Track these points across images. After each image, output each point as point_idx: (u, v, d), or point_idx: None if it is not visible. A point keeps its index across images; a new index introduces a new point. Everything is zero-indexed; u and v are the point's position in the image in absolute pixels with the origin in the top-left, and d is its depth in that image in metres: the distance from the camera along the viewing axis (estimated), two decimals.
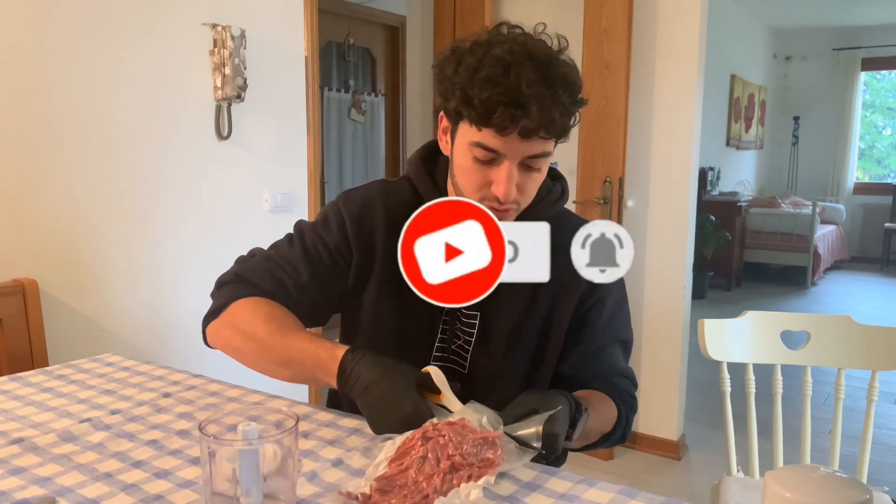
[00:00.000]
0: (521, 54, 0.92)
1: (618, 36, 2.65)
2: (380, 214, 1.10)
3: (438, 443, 0.82)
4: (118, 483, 0.84)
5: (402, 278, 1.01)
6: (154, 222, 2.04)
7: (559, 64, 0.95)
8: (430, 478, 0.79)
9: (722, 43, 5.73)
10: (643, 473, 2.74)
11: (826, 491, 0.63)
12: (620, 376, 1.13)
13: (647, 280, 2.85)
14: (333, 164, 4.61)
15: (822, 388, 3.41)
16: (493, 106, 0.91)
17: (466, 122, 0.96)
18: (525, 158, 0.97)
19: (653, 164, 2.78)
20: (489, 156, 0.96)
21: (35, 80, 1.76)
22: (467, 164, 0.99)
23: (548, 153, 0.99)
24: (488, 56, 0.93)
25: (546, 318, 1.10)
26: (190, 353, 2.12)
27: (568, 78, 0.95)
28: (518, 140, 0.94)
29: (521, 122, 0.91)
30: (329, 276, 1.11)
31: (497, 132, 0.93)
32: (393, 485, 0.79)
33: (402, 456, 0.83)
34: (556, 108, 0.92)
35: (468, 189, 1.00)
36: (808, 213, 6.47)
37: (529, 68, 0.91)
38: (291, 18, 2.42)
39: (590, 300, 1.11)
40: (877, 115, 8.34)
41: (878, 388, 1.52)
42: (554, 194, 1.12)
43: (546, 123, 0.92)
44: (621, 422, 1.10)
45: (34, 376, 1.24)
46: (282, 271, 1.10)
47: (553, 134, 0.95)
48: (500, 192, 0.96)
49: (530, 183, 1.00)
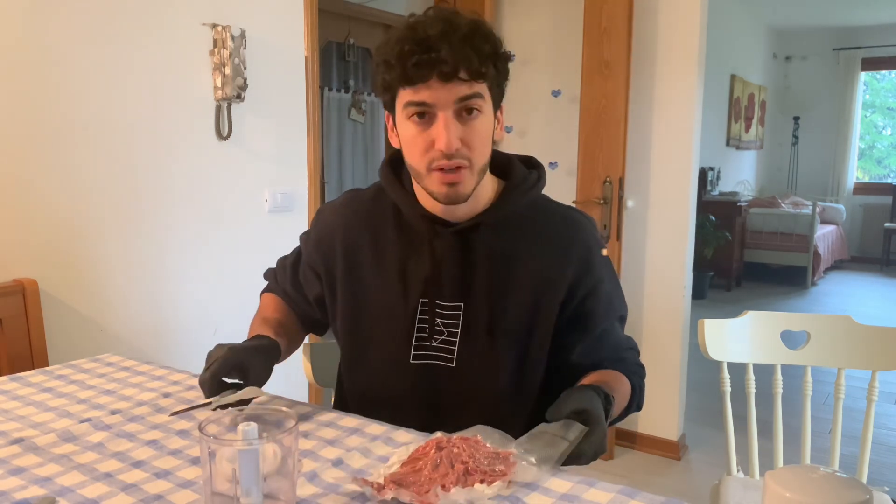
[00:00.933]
0: (428, 16, 0.99)
1: (618, 36, 2.65)
2: (340, 221, 1.17)
3: (452, 451, 0.82)
4: (118, 483, 0.84)
5: (362, 276, 1.11)
6: (154, 222, 2.04)
7: (466, 17, 0.99)
8: (444, 476, 0.79)
9: (722, 43, 5.73)
10: (643, 473, 2.74)
11: (826, 491, 0.63)
12: (626, 349, 1.17)
13: (647, 280, 2.85)
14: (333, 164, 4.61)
15: (822, 388, 3.41)
16: (407, 56, 0.95)
17: (397, 94, 1.00)
18: (457, 105, 0.97)
19: (653, 164, 2.78)
20: (422, 109, 0.98)
21: (35, 79, 1.76)
22: (409, 133, 1.01)
23: (479, 94, 0.99)
24: (400, 28, 0.99)
25: (532, 305, 1.08)
26: (190, 353, 2.12)
27: (476, 23, 0.99)
28: (441, 85, 0.96)
29: (437, 65, 0.94)
30: (308, 284, 1.23)
31: (421, 82, 0.96)
32: (407, 480, 0.80)
33: (414, 460, 0.84)
34: (468, 47, 0.95)
35: (416, 159, 1.01)
36: (808, 213, 6.47)
37: (434, 20, 0.97)
38: (291, 18, 2.42)
39: (583, 288, 1.09)
40: (877, 115, 8.35)
41: (878, 388, 1.52)
42: (530, 181, 1.12)
43: (462, 60, 0.95)
44: (636, 392, 1.13)
45: (34, 376, 1.24)
46: (282, 276, 1.30)
47: (473, 74, 0.96)
48: (441, 143, 0.97)
49: (473, 135, 1.00)
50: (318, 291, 1.20)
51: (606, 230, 2.74)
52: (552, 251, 1.09)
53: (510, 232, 1.09)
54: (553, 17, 3.08)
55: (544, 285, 1.08)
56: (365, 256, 1.13)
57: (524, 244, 1.09)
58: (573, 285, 1.08)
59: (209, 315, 2.19)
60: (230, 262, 2.25)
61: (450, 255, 1.08)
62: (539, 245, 1.09)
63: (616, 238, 2.75)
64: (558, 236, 1.10)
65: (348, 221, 1.16)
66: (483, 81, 0.98)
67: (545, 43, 3.14)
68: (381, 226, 1.13)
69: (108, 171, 1.92)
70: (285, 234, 2.39)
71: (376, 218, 1.14)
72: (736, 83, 6.68)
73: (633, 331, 2.88)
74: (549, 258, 1.08)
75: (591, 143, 2.76)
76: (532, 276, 1.08)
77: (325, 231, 1.18)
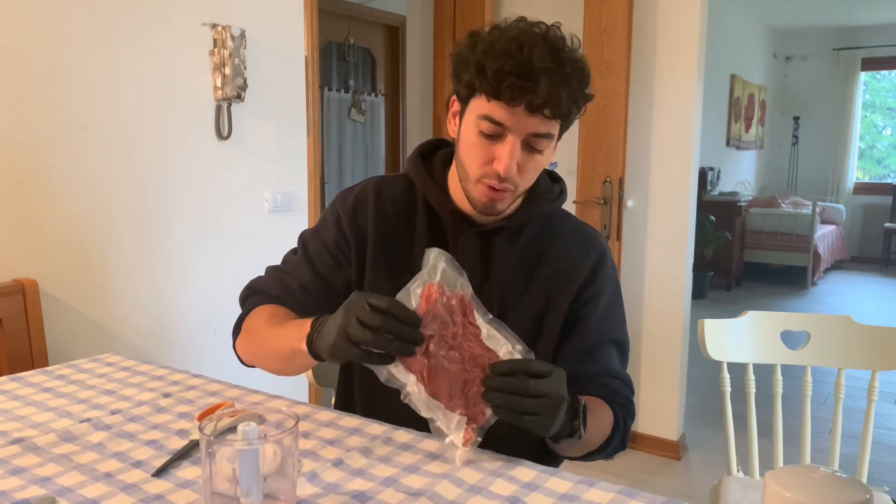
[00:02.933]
0: (536, 36, 0.97)
1: (618, 36, 2.65)
2: (371, 204, 1.15)
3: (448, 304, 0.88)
4: (118, 483, 0.84)
5: (393, 263, 1.09)
6: (154, 222, 2.04)
7: (571, 51, 0.99)
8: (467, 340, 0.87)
9: (722, 43, 5.73)
10: (643, 473, 2.74)
11: (826, 491, 0.63)
12: (615, 378, 1.11)
13: (647, 280, 2.85)
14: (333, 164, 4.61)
15: (822, 388, 3.41)
16: (505, 76, 0.94)
17: (477, 97, 0.99)
18: (529, 136, 0.99)
19: (653, 164, 2.78)
20: (495, 129, 0.98)
21: (35, 80, 1.76)
22: (473, 139, 1.01)
23: (551, 135, 1.00)
24: (505, 35, 0.97)
25: (544, 305, 1.11)
26: (190, 353, 2.12)
27: (578, 63, 0.98)
28: (524, 114, 0.96)
29: (529, 95, 0.94)
30: (332, 273, 1.15)
31: (506, 104, 0.96)
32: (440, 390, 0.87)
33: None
34: (564, 87, 0.95)
35: (472, 164, 1.02)
36: (808, 213, 6.47)
37: (542, 47, 0.95)
38: (291, 18, 2.42)
39: (586, 294, 1.12)
40: (877, 115, 8.34)
41: (878, 388, 1.52)
42: (553, 193, 1.16)
43: (553, 100, 0.95)
44: (619, 426, 1.08)
45: (34, 376, 1.24)
46: (287, 276, 1.16)
47: (558, 114, 0.97)
48: (501, 167, 0.99)
49: (530, 165, 1.02)
50: (347, 276, 1.14)
51: (606, 230, 2.74)
52: (567, 258, 1.12)
53: (530, 238, 1.13)
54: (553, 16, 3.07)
55: (557, 286, 1.11)
56: (396, 241, 1.14)
57: (542, 250, 1.13)
58: (581, 288, 1.11)
59: (209, 315, 2.19)
60: (230, 262, 2.25)
61: (471, 254, 1.10)
62: (556, 252, 1.13)
63: (616, 238, 2.75)
64: (575, 245, 1.14)
65: (381, 205, 1.15)
66: (562, 121, 1.00)
67: None
68: (413, 215, 1.15)
69: (108, 172, 1.92)
70: (285, 234, 2.39)
71: (409, 206, 1.15)
72: (736, 83, 6.68)
73: (634, 331, 2.88)
74: (564, 262, 1.12)
75: (591, 143, 2.76)
76: (547, 278, 1.11)
77: (358, 213, 1.14)
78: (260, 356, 1.10)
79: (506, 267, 1.11)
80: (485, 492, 0.83)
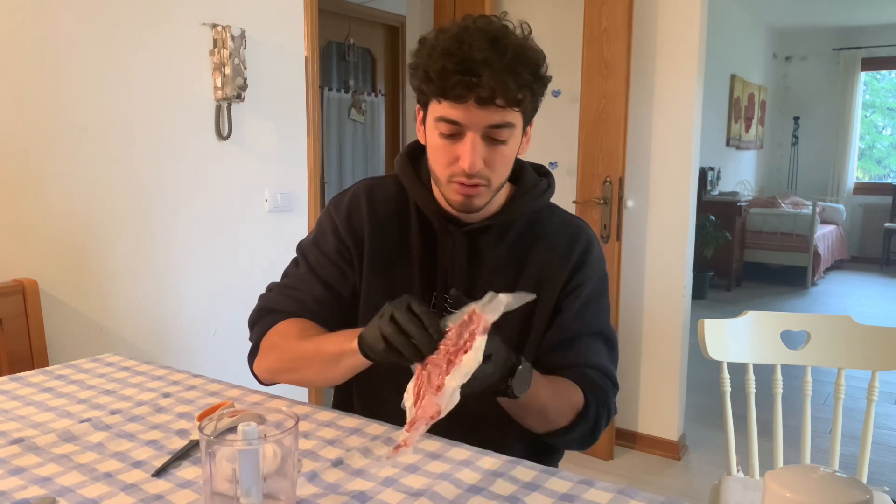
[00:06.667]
0: (474, 30, 0.96)
1: (618, 36, 2.65)
2: (364, 208, 1.15)
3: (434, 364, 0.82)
4: (118, 483, 0.84)
5: (388, 264, 1.10)
6: (154, 222, 2.04)
7: (514, 38, 0.98)
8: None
9: (722, 43, 5.73)
10: (643, 473, 2.74)
11: (826, 491, 0.63)
12: (594, 369, 1.09)
13: (647, 280, 2.85)
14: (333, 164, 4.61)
15: (822, 388, 3.41)
16: (448, 75, 0.94)
17: (432, 101, 1.00)
18: (487, 129, 0.98)
19: (653, 164, 2.78)
20: (453, 129, 0.98)
21: (35, 79, 1.76)
22: (436, 142, 1.02)
23: (511, 124, 0.99)
24: (446, 35, 0.97)
25: (530, 303, 1.08)
26: (190, 353, 2.12)
27: (522, 48, 0.97)
28: (476, 109, 0.96)
29: (476, 89, 0.94)
30: (338, 282, 1.15)
31: (455, 102, 0.96)
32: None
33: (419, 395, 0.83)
34: (510, 74, 0.94)
35: (439, 167, 1.03)
36: (808, 213, 6.47)
37: (481, 39, 0.95)
38: (291, 18, 2.42)
39: (569, 286, 1.12)
40: (877, 115, 8.34)
41: (878, 388, 1.52)
42: (540, 188, 1.15)
43: (500, 89, 0.94)
44: (588, 416, 1.05)
45: (34, 376, 1.24)
46: (297, 291, 1.15)
47: (510, 102, 0.96)
48: (466, 163, 0.98)
49: (497, 157, 1.01)
50: (352, 282, 1.15)
51: (606, 230, 2.74)
52: (556, 252, 1.12)
53: (518, 235, 1.13)
54: (553, 16, 3.08)
55: (544, 282, 1.11)
56: (391, 242, 1.14)
57: (530, 247, 1.12)
58: (566, 281, 1.11)
59: (209, 315, 2.19)
60: (230, 262, 2.25)
61: (459, 254, 1.11)
62: (544, 247, 1.12)
63: (616, 238, 2.75)
64: (563, 238, 1.13)
65: (374, 208, 1.16)
66: (518, 109, 0.99)
67: (545, 43, 3.10)
68: (405, 216, 1.15)
69: (108, 171, 1.92)
70: (285, 235, 2.39)
71: (400, 208, 1.16)
72: (736, 83, 6.68)
73: (634, 331, 2.88)
74: (552, 257, 1.12)
75: (591, 143, 2.76)
76: (535, 274, 1.11)
77: (353, 218, 1.15)
78: (293, 366, 1.06)
79: (493, 266, 1.11)
80: (485, 492, 0.83)
